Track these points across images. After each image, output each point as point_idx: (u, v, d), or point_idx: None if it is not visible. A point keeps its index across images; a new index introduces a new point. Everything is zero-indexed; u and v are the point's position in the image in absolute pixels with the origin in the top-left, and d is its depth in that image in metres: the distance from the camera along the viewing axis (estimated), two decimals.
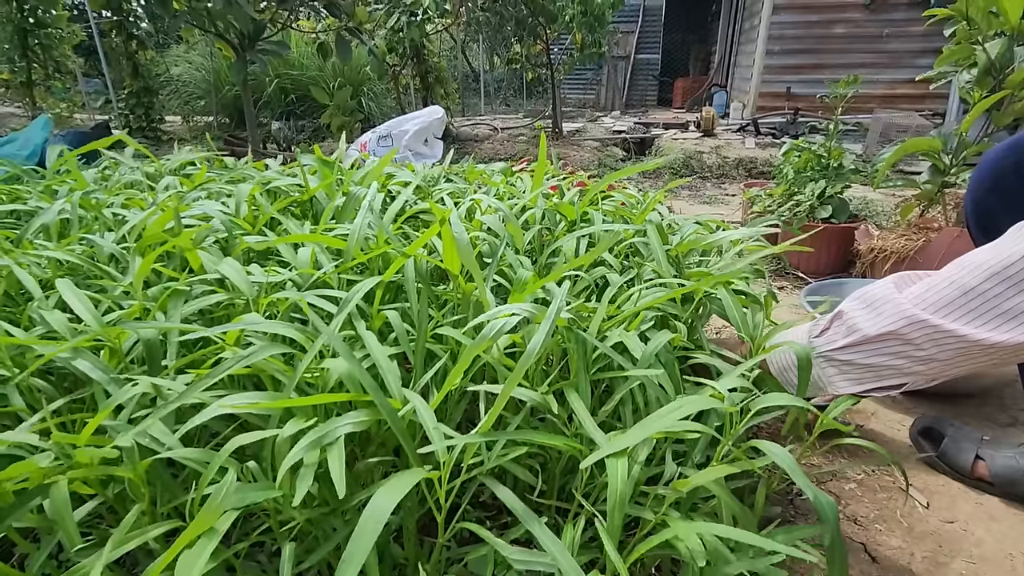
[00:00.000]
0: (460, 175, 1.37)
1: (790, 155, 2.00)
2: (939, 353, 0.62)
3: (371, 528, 0.37)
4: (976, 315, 0.59)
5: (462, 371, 0.49)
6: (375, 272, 0.76)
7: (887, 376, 0.67)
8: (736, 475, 0.67)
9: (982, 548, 0.80)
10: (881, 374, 0.67)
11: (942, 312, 0.61)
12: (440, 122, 3.78)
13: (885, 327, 0.64)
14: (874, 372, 0.67)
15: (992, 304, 0.58)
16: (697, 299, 0.75)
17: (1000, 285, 0.58)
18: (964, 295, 0.60)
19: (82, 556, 0.46)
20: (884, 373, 0.67)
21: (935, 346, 0.62)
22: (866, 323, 0.66)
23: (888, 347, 0.65)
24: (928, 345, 0.62)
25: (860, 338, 0.67)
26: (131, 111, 4.77)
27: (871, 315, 0.66)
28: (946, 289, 0.62)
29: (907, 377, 0.66)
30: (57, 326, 0.61)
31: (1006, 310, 0.58)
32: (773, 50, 5.69)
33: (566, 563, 0.39)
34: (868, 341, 0.66)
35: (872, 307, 0.67)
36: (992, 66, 1.52)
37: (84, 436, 0.49)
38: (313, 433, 0.45)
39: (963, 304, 0.60)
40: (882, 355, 0.65)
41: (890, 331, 0.64)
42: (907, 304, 0.63)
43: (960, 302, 0.60)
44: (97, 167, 1.38)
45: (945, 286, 0.62)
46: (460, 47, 7.31)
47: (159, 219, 0.81)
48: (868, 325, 0.66)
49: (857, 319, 0.67)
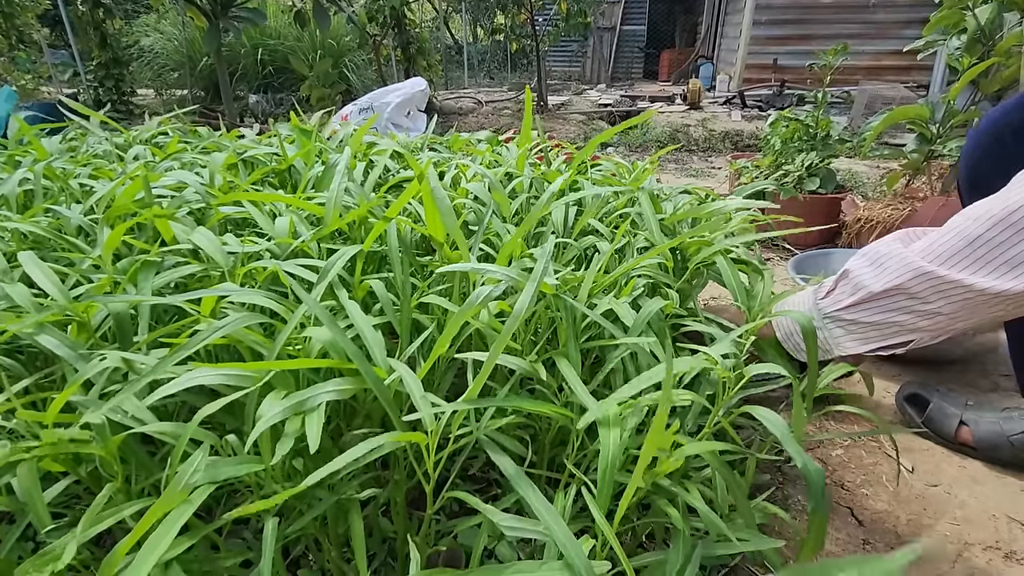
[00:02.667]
0: (444, 145, 1.34)
1: (777, 125, 1.98)
2: (945, 306, 0.62)
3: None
4: (982, 263, 0.59)
5: (450, 338, 0.47)
6: (357, 241, 0.74)
7: (892, 334, 0.66)
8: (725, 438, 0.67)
9: (965, 510, 0.82)
10: (886, 332, 0.66)
11: (949, 263, 0.60)
12: (423, 95, 3.69)
13: (891, 282, 0.64)
14: (879, 330, 0.67)
15: (998, 252, 0.58)
16: (692, 267, 0.74)
17: (1005, 232, 0.57)
18: (969, 244, 0.59)
19: (55, 537, 0.44)
20: (889, 331, 0.66)
21: (941, 298, 0.61)
22: (872, 280, 0.65)
23: (894, 303, 0.64)
24: (934, 298, 0.62)
25: (866, 295, 0.66)
26: (100, 83, 4.57)
27: (877, 271, 0.66)
28: (952, 239, 0.61)
29: (912, 334, 0.65)
30: (21, 300, 0.58)
31: (1011, 257, 0.57)
32: (760, 21, 5.62)
33: (558, 529, 0.38)
34: (874, 298, 0.65)
35: (877, 263, 0.66)
36: (982, 32, 1.51)
37: (51, 413, 0.46)
38: (294, 397, 0.43)
39: (969, 253, 0.59)
40: (888, 311, 0.65)
41: (896, 285, 0.63)
42: (913, 257, 0.63)
43: (966, 251, 0.59)
44: (63, 137, 1.32)
45: (950, 236, 0.61)
46: (443, 18, 7.13)
47: (128, 189, 0.77)
48: (874, 281, 0.65)
49: (863, 276, 0.67)
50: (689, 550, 0.46)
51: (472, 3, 5.92)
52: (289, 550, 0.67)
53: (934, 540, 0.76)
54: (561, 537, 0.38)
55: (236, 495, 0.64)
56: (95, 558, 0.52)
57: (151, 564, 0.35)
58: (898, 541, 0.76)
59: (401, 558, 0.64)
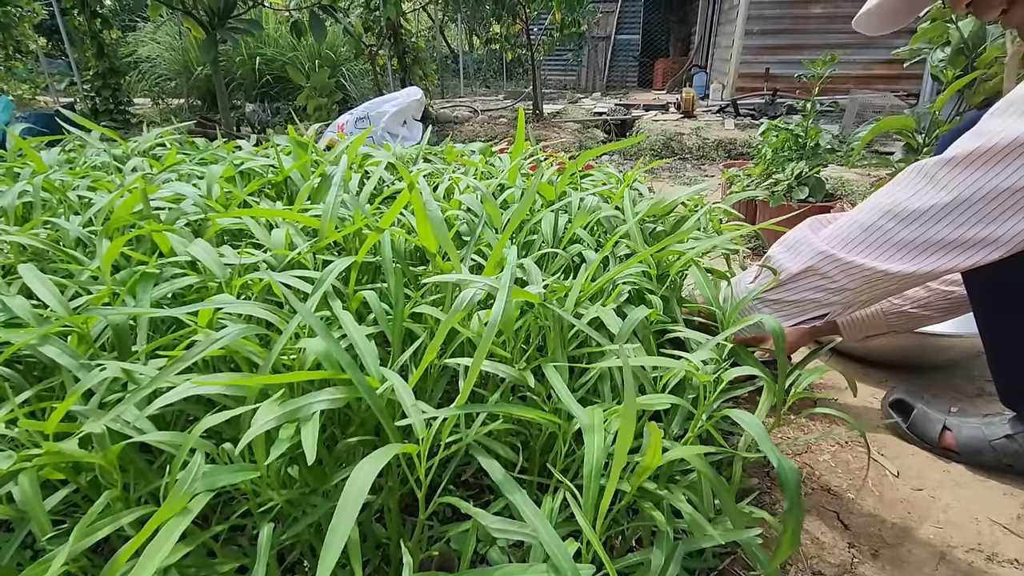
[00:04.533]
0: (438, 155, 1.36)
1: (768, 134, 2.01)
2: (849, 283, 0.72)
3: (354, 498, 0.37)
4: (873, 248, 0.69)
5: (439, 345, 0.48)
6: (352, 252, 0.75)
7: (810, 309, 0.77)
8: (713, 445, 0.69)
9: (949, 513, 0.83)
10: (805, 308, 0.77)
11: (847, 247, 0.71)
12: (419, 103, 3.72)
13: (804, 264, 0.74)
14: (799, 307, 0.77)
15: (885, 238, 0.68)
16: (672, 276, 0.76)
17: (891, 221, 0.68)
18: (863, 231, 0.70)
19: (55, 545, 0.45)
20: (808, 307, 0.77)
21: (846, 276, 0.72)
22: (789, 263, 0.77)
23: (809, 282, 0.75)
24: (840, 276, 0.72)
25: (785, 277, 0.77)
26: (97, 93, 4.58)
27: (792, 256, 0.77)
28: (850, 228, 0.71)
29: (826, 308, 0.76)
30: (20, 312, 0.59)
31: (896, 242, 0.67)
32: (752, 31, 5.69)
33: (544, 531, 0.39)
34: (792, 279, 0.76)
35: (792, 249, 0.77)
36: (965, 44, 1.54)
37: (52, 422, 0.48)
38: (289, 404, 0.44)
39: (863, 239, 0.70)
40: (805, 290, 0.76)
41: (808, 267, 0.74)
42: (819, 243, 0.74)
43: (860, 238, 0.70)
44: (62, 149, 1.33)
45: (849, 225, 0.72)
46: (438, 27, 7.19)
47: (127, 201, 0.79)
48: (791, 264, 0.76)
49: (782, 260, 0.78)
50: (671, 549, 0.48)
51: (468, 13, 5.98)
52: (284, 556, 0.68)
53: None
54: (547, 539, 0.39)
55: (232, 503, 0.65)
56: (94, 566, 0.53)
57: (151, 570, 0.37)
58: (883, 544, 0.78)
59: (395, 563, 0.65)
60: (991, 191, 0.61)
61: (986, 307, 0.85)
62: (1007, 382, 0.88)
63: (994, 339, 0.85)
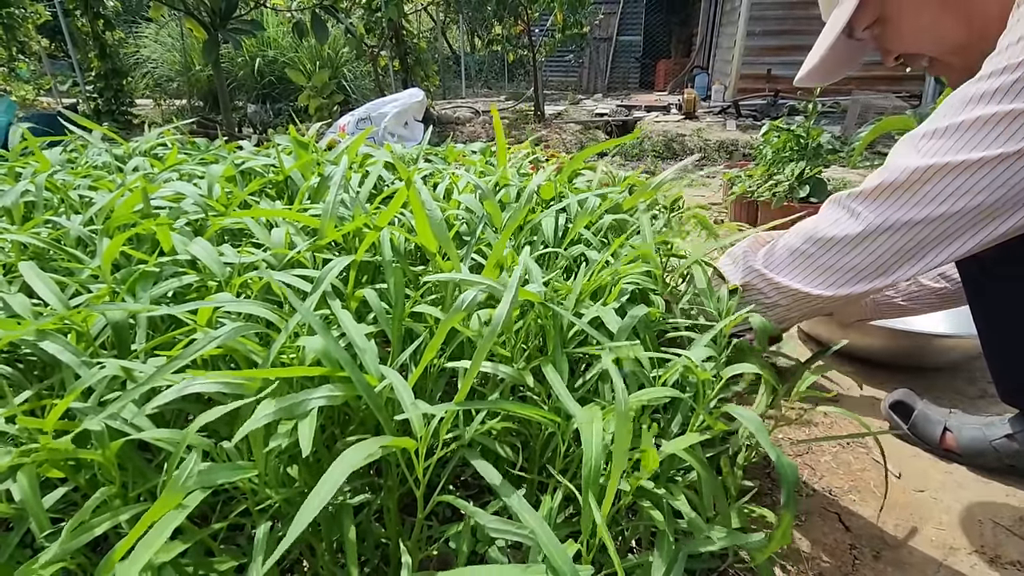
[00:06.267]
0: (439, 156, 1.36)
1: (769, 135, 2.01)
2: (781, 299, 0.75)
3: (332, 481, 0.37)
4: (798, 271, 0.72)
5: (438, 344, 0.48)
6: (352, 252, 0.75)
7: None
8: (713, 445, 0.68)
9: (951, 515, 0.83)
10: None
11: (777, 268, 0.75)
12: (420, 104, 3.73)
13: (742, 279, 0.78)
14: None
15: (809, 262, 0.71)
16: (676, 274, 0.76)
17: (814, 246, 0.70)
18: (791, 254, 0.73)
19: (52, 542, 0.45)
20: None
21: (778, 294, 0.75)
22: (732, 275, 0.80)
23: (748, 295, 0.78)
24: (773, 294, 0.75)
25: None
26: (99, 94, 4.60)
27: (734, 269, 0.81)
28: (780, 250, 0.75)
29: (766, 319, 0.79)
30: (20, 310, 0.59)
31: (818, 267, 0.70)
32: (754, 31, 5.69)
33: (542, 532, 0.39)
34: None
35: (736, 262, 0.81)
36: None
37: (51, 419, 0.48)
38: (287, 399, 0.44)
39: (791, 262, 0.73)
40: (745, 302, 0.78)
41: (746, 282, 0.78)
42: (754, 261, 0.77)
43: (788, 260, 0.73)
44: (64, 148, 1.34)
45: (780, 247, 0.75)
46: (440, 28, 7.20)
47: (128, 200, 0.79)
48: (732, 277, 0.80)
49: (726, 271, 0.82)
50: (672, 551, 0.48)
51: (469, 14, 5.98)
52: (283, 555, 0.68)
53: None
54: (545, 539, 0.39)
55: (232, 502, 0.65)
56: (93, 564, 0.53)
57: (142, 563, 0.37)
58: (885, 546, 0.77)
59: (394, 563, 0.65)
60: (895, 223, 0.64)
61: (982, 303, 0.85)
62: (1006, 379, 0.87)
63: (991, 336, 0.85)
